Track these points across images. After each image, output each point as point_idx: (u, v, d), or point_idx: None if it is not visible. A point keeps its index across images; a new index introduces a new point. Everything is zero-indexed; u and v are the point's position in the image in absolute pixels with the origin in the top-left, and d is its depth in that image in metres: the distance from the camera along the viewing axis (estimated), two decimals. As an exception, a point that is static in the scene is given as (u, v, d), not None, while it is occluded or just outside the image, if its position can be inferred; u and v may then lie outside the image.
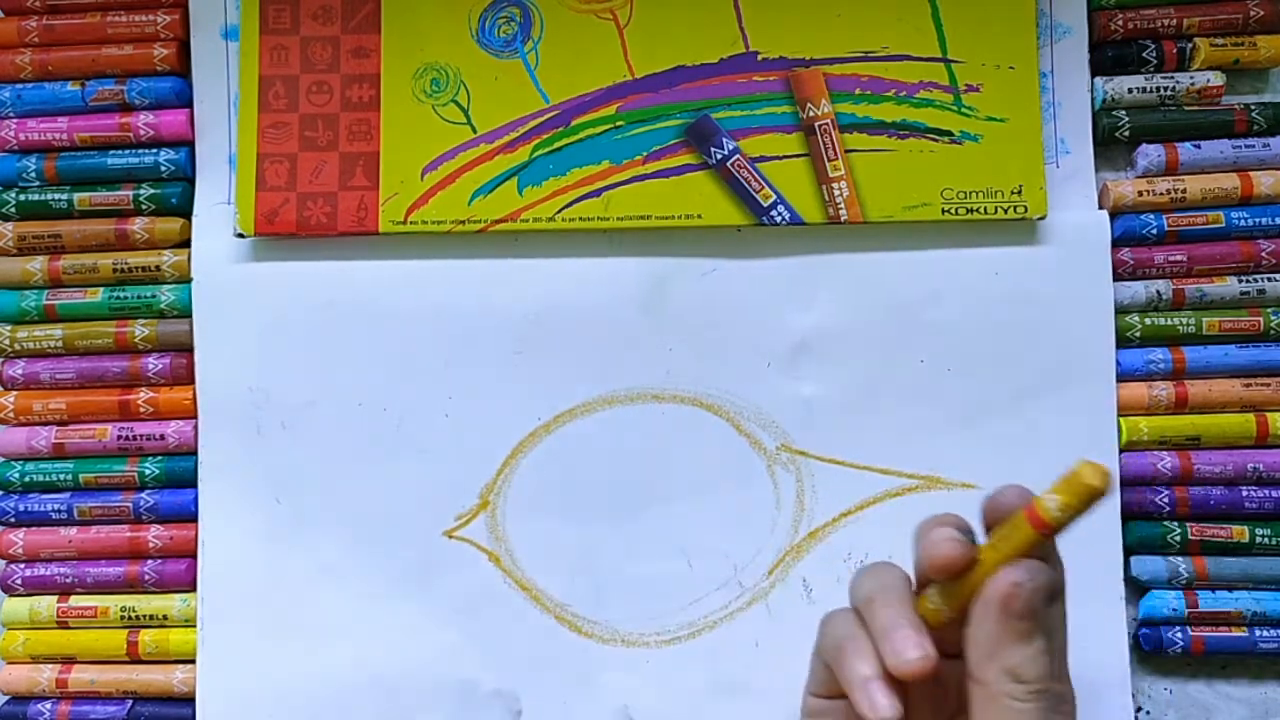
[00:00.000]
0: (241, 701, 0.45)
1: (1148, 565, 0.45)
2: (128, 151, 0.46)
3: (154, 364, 0.46)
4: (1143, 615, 0.45)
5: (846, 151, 0.44)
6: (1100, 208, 0.46)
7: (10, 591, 0.46)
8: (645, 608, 0.45)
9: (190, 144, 0.47)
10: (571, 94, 0.45)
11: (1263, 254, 0.45)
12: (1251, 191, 0.45)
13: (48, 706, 0.45)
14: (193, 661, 0.46)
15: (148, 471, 0.46)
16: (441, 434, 0.45)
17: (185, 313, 0.46)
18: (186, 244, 0.46)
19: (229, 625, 0.45)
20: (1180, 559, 0.45)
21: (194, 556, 0.46)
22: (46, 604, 0.46)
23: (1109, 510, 0.45)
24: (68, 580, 0.46)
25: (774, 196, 0.44)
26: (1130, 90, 0.45)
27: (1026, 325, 0.45)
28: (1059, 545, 0.34)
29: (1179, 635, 0.44)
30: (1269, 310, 0.45)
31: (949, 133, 0.44)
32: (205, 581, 0.46)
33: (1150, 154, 0.45)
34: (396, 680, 0.45)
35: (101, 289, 0.46)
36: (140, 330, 0.46)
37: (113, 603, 0.46)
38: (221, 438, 0.46)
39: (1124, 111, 0.46)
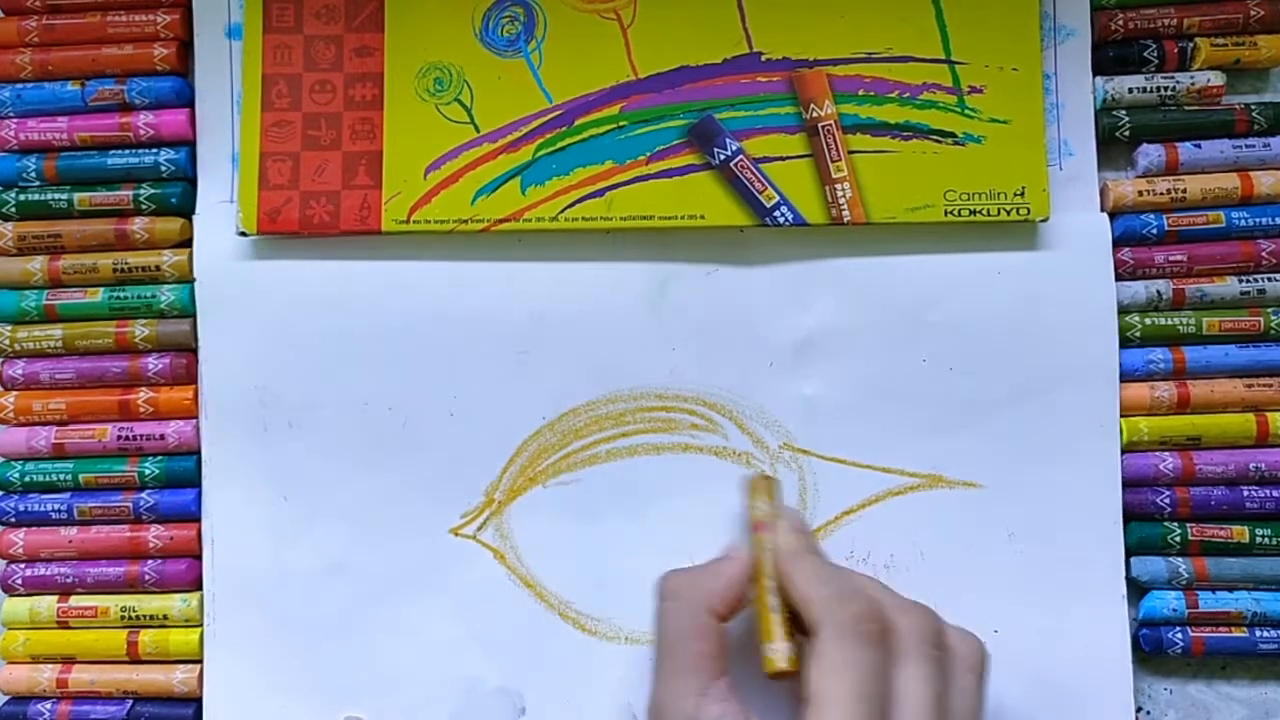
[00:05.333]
0: (247, 698, 0.45)
1: (1148, 566, 0.45)
2: (128, 151, 0.46)
3: (154, 364, 0.46)
4: (1143, 616, 0.45)
5: (850, 152, 0.44)
6: (1100, 208, 0.46)
7: (10, 591, 0.46)
8: (650, 606, 0.45)
9: (190, 144, 0.46)
10: (575, 94, 0.45)
11: (1263, 254, 0.45)
12: (1252, 191, 0.45)
13: (48, 706, 0.45)
14: (193, 661, 0.46)
15: (148, 471, 0.46)
16: (447, 432, 0.45)
17: (185, 313, 0.46)
18: (186, 244, 0.46)
19: (236, 622, 0.45)
20: (1180, 559, 0.45)
21: (195, 556, 0.46)
22: (46, 604, 0.46)
23: (1110, 511, 0.45)
24: (68, 580, 0.46)
25: (777, 197, 0.44)
26: (1130, 90, 0.45)
27: (1028, 326, 0.45)
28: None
29: (1179, 636, 0.44)
30: (1269, 310, 0.45)
31: (952, 134, 0.44)
32: (213, 579, 0.46)
33: (1150, 154, 0.45)
34: (402, 677, 0.45)
35: (101, 289, 0.46)
36: (140, 330, 0.46)
37: (113, 603, 0.46)
38: (227, 436, 0.46)
39: (1124, 111, 0.46)
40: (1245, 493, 0.45)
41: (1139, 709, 0.45)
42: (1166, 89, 0.46)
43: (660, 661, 0.39)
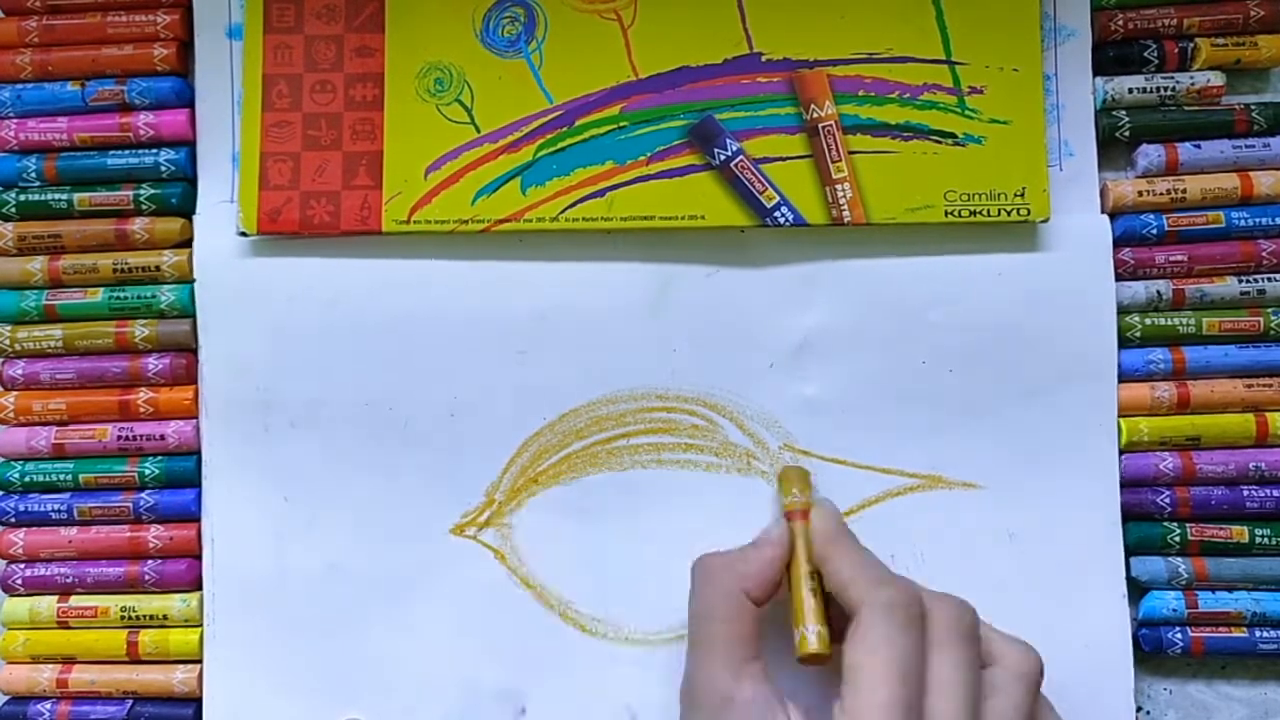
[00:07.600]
0: (247, 698, 0.45)
1: (1148, 566, 0.45)
2: (128, 151, 0.46)
3: (154, 364, 0.46)
4: (1142, 616, 0.45)
5: (850, 153, 0.44)
6: (1100, 208, 0.46)
7: (10, 591, 0.46)
8: (650, 606, 0.45)
9: (190, 144, 0.46)
10: (575, 94, 0.45)
11: (1263, 254, 0.45)
12: (1251, 191, 0.45)
13: (48, 706, 0.45)
14: (193, 661, 0.46)
15: (148, 471, 0.46)
16: (447, 432, 0.45)
17: (185, 313, 0.46)
18: (186, 244, 0.46)
19: (236, 622, 0.45)
20: (1180, 559, 0.45)
21: (195, 556, 0.46)
22: (46, 604, 0.46)
23: (1110, 511, 0.45)
24: (68, 580, 0.46)
25: (777, 198, 0.44)
26: (1130, 90, 0.45)
27: (1028, 327, 0.45)
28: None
29: (1179, 636, 0.44)
30: (1269, 310, 0.45)
31: (952, 135, 0.44)
32: (213, 579, 0.46)
33: (1150, 154, 0.45)
34: (401, 677, 0.45)
35: (101, 289, 0.46)
36: (140, 330, 0.46)
37: (113, 603, 0.46)
38: (228, 436, 0.46)
39: (1124, 111, 0.46)
40: (1245, 493, 0.45)
41: (1139, 709, 0.45)
42: (1166, 89, 0.46)
43: (694, 643, 0.39)
